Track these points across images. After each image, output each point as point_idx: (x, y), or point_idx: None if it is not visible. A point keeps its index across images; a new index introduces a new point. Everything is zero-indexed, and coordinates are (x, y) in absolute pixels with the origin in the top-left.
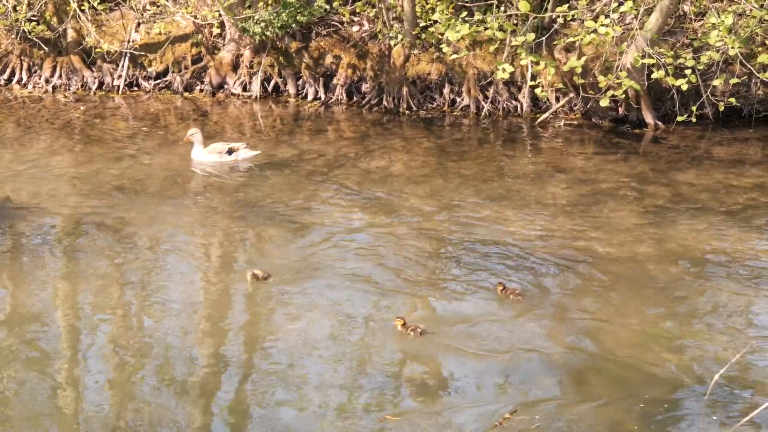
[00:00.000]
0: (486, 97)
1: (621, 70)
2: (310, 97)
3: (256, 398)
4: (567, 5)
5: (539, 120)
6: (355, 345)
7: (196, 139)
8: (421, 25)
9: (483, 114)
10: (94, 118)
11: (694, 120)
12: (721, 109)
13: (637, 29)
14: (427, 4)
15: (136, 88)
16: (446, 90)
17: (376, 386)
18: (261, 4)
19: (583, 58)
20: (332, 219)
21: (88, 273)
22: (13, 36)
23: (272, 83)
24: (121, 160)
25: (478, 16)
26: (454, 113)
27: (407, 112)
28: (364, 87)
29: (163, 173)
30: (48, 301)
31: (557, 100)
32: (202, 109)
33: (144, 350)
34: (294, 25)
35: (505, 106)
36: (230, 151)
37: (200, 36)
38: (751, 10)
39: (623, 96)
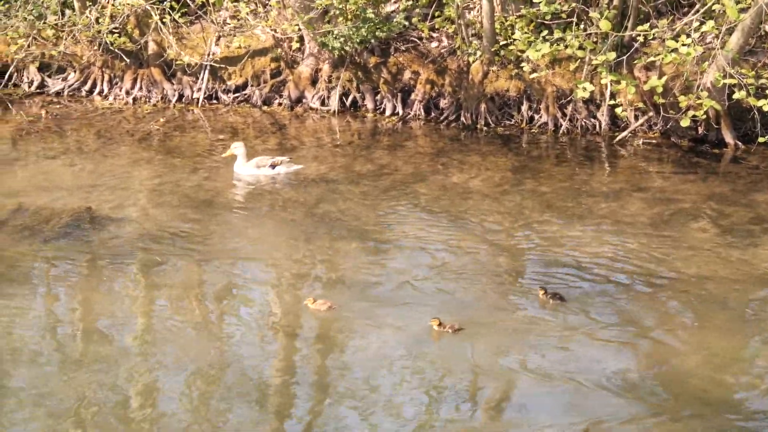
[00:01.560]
0: (564, 115)
1: (702, 90)
2: (388, 113)
3: (328, 414)
4: (648, 24)
5: (618, 138)
6: (427, 363)
7: (238, 152)
8: (500, 42)
9: (561, 132)
10: (174, 130)
11: None
12: None
13: (718, 49)
14: (507, 21)
15: (215, 101)
16: (524, 107)
17: (447, 404)
18: (341, 19)
19: (664, 78)
20: (408, 235)
21: (165, 285)
22: (95, 48)
23: (350, 98)
24: (199, 171)
25: (557, 34)
26: (532, 130)
27: (485, 128)
28: (442, 103)
29: (242, 186)
30: (124, 312)
31: (636, 118)
32: (281, 123)
33: (218, 364)
34: (373, 41)
35: (583, 123)
36: (273, 166)
37: (280, 50)
38: None
39: (703, 116)
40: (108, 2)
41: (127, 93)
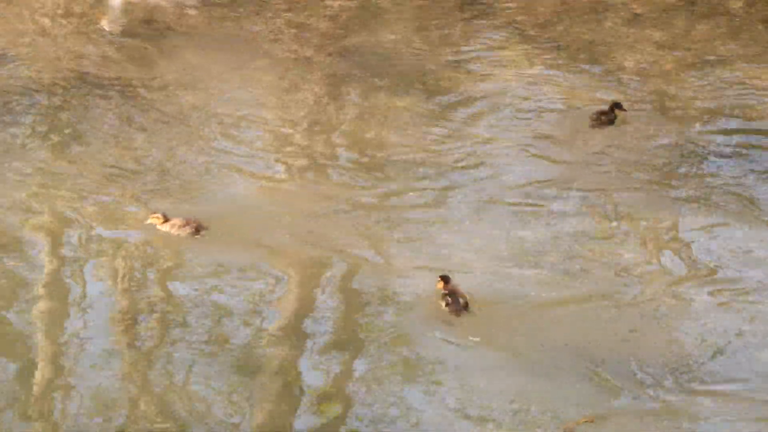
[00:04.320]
0: None
1: None
2: None
3: (377, 386)
4: None
5: None
6: (507, 265)
7: None
8: None
9: None
10: None
11: None
12: None
13: None
14: None
15: None
16: None
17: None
18: None
19: None
20: (495, 77)
21: (85, 157)
22: None
23: None
24: None
25: None
26: None
27: None
28: None
29: (218, 4)
30: (22, 203)
31: None
32: None
33: (173, 301)
34: None
35: None
36: None
37: None
38: None
39: None
40: None
41: None
